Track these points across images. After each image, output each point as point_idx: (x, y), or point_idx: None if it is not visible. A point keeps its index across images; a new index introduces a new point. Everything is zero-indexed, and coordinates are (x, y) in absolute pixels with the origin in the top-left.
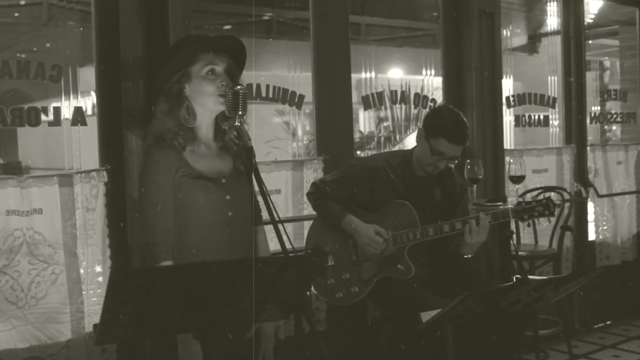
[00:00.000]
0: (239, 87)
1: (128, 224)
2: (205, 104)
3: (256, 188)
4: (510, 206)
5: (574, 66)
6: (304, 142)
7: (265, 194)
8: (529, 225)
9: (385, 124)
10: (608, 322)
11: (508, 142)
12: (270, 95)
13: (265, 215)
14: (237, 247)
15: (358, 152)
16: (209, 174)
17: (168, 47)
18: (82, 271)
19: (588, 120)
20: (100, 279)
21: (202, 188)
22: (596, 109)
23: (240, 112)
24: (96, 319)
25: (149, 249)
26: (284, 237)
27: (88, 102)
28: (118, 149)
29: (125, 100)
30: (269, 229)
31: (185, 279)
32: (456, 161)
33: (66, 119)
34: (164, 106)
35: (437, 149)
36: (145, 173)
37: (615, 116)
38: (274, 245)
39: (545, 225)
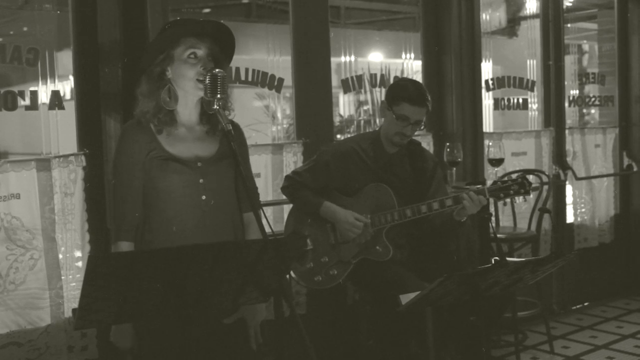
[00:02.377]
0: (217, 70)
1: (107, 208)
2: (185, 87)
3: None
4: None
5: (553, 50)
6: (284, 125)
7: (242, 177)
8: (505, 205)
9: (365, 107)
10: (586, 304)
11: (487, 125)
12: (250, 79)
13: None
14: (211, 231)
15: (338, 136)
16: (182, 157)
17: (145, 30)
18: (61, 256)
19: (567, 104)
20: (79, 264)
21: (172, 170)
22: (575, 92)
23: (219, 95)
24: (76, 304)
25: (113, 227)
26: (264, 221)
27: (67, 87)
28: (96, 133)
29: (103, 84)
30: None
31: (162, 263)
32: (422, 127)
33: (43, 103)
34: (145, 87)
35: (400, 114)
36: (116, 154)
37: (593, 99)
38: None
39: (524, 207)
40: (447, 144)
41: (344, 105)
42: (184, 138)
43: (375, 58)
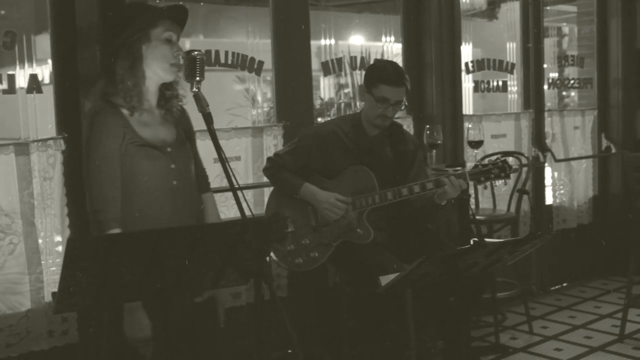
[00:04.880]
0: (195, 52)
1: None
2: (157, 69)
3: (215, 155)
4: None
5: (532, 32)
6: (265, 109)
7: (224, 161)
8: (485, 188)
9: (345, 90)
10: (564, 284)
11: (467, 107)
12: (230, 62)
13: (220, 182)
14: (183, 215)
15: (319, 119)
16: (154, 142)
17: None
18: (40, 241)
19: (546, 86)
20: (59, 248)
21: (148, 156)
22: (554, 74)
23: (197, 78)
24: (56, 288)
25: (97, 217)
26: (244, 204)
27: (45, 71)
28: (75, 116)
29: (82, 67)
30: (229, 196)
31: (142, 246)
32: (402, 108)
33: (21, 87)
34: (125, 63)
35: (380, 96)
36: (93, 140)
37: (572, 82)
38: (234, 212)
39: (503, 189)
40: (427, 126)
41: (325, 88)
42: (150, 123)
43: (356, 41)
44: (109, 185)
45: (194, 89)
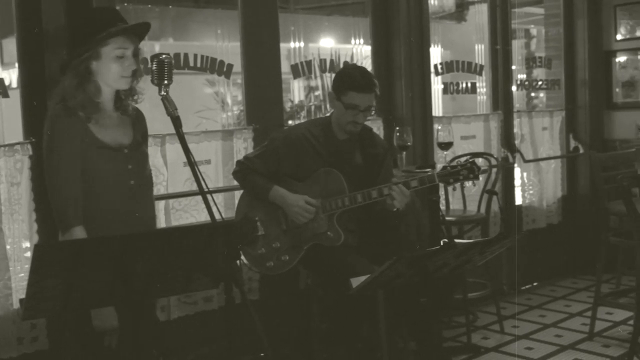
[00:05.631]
0: (164, 55)
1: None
2: (109, 81)
3: (185, 159)
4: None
5: (500, 34)
6: (235, 112)
7: (192, 164)
8: (454, 189)
9: (316, 92)
10: (535, 284)
11: (437, 109)
12: (199, 65)
13: (190, 186)
14: (141, 215)
15: (290, 122)
16: (112, 144)
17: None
18: (8, 247)
19: (514, 88)
20: (27, 254)
21: (106, 158)
22: (522, 76)
23: (165, 81)
24: (24, 295)
25: (59, 217)
26: (214, 208)
27: (13, 75)
28: (43, 121)
29: (49, 71)
30: (199, 199)
31: (111, 251)
32: (373, 112)
33: None
34: (72, 81)
35: (349, 103)
36: (53, 142)
37: (540, 83)
38: (204, 216)
39: (473, 190)
40: (397, 128)
41: (295, 90)
42: (108, 125)
43: (325, 43)
44: (69, 185)
45: (163, 93)
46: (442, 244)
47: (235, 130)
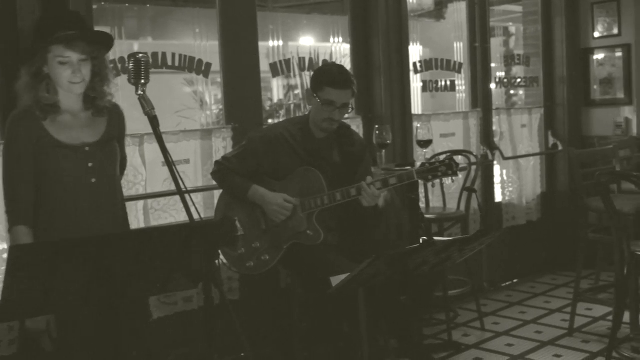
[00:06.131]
0: (140, 55)
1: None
2: (58, 86)
3: (164, 159)
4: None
5: (479, 32)
6: (214, 111)
7: (170, 164)
8: (433, 186)
9: (295, 91)
10: (515, 281)
11: (416, 107)
12: (177, 64)
13: (169, 186)
14: (104, 213)
15: (270, 121)
16: (69, 143)
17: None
18: None
19: (493, 85)
20: (5, 256)
21: (63, 157)
22: (501, 74)
23: (142, 81)
24: None
25: (7, 214)
26: (192, 208)
27: None
28: None
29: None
30: (178, 199)
31: (87, 252)
32: (350, 110)
33: None
34: (24, 82)
35: (326, 99)
36: (7, 143)
37: (519, 81)
38: (183, 216)
39: (453, 188)
40: (376, 126)
41: (275, 89)
42: (70, 125)
43: (304, 42)
44: (19, 184)
45: (140, 92)
46: (421, 242)
47: (214, 129)
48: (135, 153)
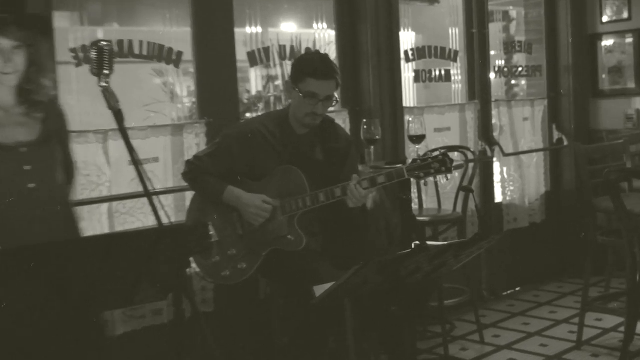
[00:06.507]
0: (103, 43)
1: None
2: None
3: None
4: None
5: (477, 17)
6: (187, 104)
7: (136, 163)
8: (425, 184)
9: (276, 82)
10: (517, 289)
11: (408, 99)
12: (145, 53)
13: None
14: (45, 221)
15: (247, 115)
16: (4, 143)
17: None
18: None
19: (492, 75)
20: None
21: None
22: (501, 62)
23: (106, 71)
24: None
25: None
26: (161, 212)
27: None
28: None
29: None
30: (146, 202)
31: (45, 260)
32: (335, 103)
33: None
34: None
35: (307, 91)
36: None
37: (520, 69)
38: (152, 221)
39: (449, 187)
40: (364, 120)
41: (253, 80)
42: (2, 122)
43: (285, 28)
44: None
45: (103, 84)
46: (413, 246)
47: (186, 124)
48: (98, 151)
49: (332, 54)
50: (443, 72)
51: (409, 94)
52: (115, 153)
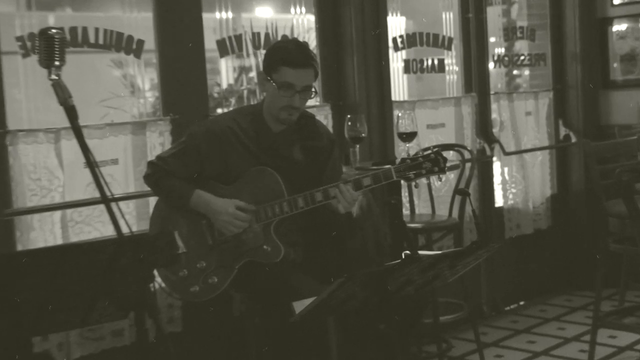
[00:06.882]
0: (53, 30)
1: None
2: None
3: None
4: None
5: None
6: (149, 99)
7: (92, 165)
8: (416, 186)
9: (250, 74)
10: (521, 303)
11: (397, 92)
12: (101, 42)
13: (93, 192)
14: None
15: (219, 110)
16: None
17: None
18: None
19: (491, 64)
20: None
21: None
22: (501, 50)
23: (56, 63)
24: None
25: None
26: (121, 220)
27: None
28: None
29: None
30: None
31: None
32: (313, 95)
33: None
34: None
35: (282, 81)
36: None
37: (522, 58)
38: (110, 230)
39: (444, 190)
40: (349, 116)
41: (224, 72)
42: None
43: (260, 13)
44: None
45: (53, 76)
46: (404, 256)
47: (149, 121)
48: (49, 152)
49: (312, 42)
50: (436, 62)
51: (398, 86)
52: (68, 154)
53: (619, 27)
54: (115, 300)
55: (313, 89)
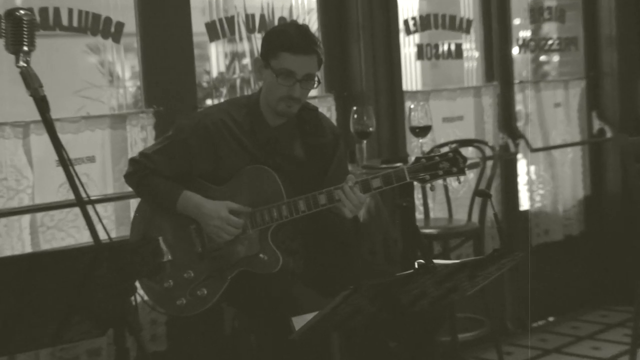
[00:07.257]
0: (21, 12)
1: None
2: None
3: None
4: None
5: None
6: (130, 89)
7: (66, 163)
8: (432, 189)
9: (243, 61)
10: (550, 319)
11: (409, 81)
12: (75, 24)
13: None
14: None
15: (207, 101)
16: None
17: None
18: None
19: (515, 49)
20: None
21: None
22: (526, 33)
23: (25, 48)
24: None
25: None
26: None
27: None
28: None
29: None
30: (78, 213)
31: None
32: (317, 85)
33: None
34: None
35: (282, 68)
36: None
37: (551, 43)
38: (87, 236)
39: (462, 192)
40: (355, 108)
41: (214, 59)
42: None
43: None
44: None
45: (21, 63)
46: (417, 266)
47: (129, 114)
48: (17, 149)
49: (313, 25)
50: (453, 47)
51: (410, 74)
52: (38, 151)
53: None
54: (92, 315)
55: (316, 78)
